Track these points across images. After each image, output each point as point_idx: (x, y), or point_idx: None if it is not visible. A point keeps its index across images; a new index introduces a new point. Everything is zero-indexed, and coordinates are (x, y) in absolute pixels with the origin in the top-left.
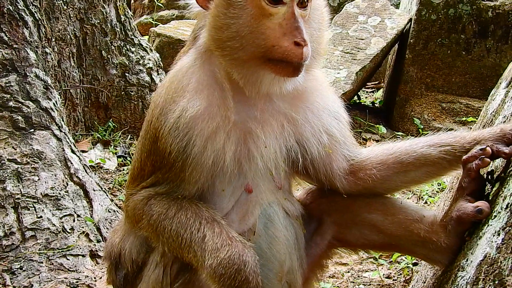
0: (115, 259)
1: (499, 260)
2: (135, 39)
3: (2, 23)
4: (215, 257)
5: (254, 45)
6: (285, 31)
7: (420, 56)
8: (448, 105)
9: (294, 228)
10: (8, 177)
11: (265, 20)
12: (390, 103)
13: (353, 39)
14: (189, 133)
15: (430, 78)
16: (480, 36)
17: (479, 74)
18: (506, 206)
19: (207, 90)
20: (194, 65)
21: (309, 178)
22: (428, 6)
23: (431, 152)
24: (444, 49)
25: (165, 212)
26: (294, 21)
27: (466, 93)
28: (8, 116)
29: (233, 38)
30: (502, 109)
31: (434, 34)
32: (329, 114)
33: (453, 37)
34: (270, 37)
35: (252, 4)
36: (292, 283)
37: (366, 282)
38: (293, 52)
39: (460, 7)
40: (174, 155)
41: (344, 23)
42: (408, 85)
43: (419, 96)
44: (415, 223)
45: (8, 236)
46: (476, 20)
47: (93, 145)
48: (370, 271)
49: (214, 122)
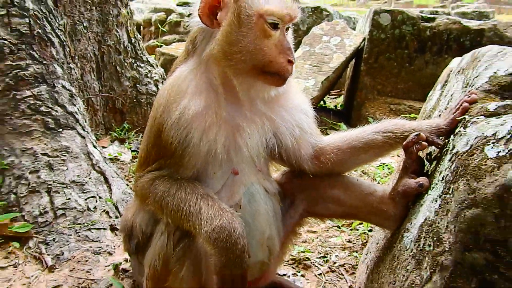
0: (128, 231)
1: (437, 221)
2: (143, 57)
3: (33, 43)
4: (209, 225)
5: (256, 59)
6: (280, 51)
7: (372, 68)
8: (395, 107)
9: (272, 203)
10: (41, 167)
11: (266, 40)
12: (349, 106)
13: (319, 55)
14: (188, 127)
15: (380, 86)
16: (420, 51)
17: (419, 81)
18: (442, 178)
19: (205, 93)
20: (193, 72)
21: (283, 162)
22: (378, 28)
23: (377, 137)
24: (392, 62)
25: (167, 190)
26: (287, 44)
27: (410, 97)
28: (40, 118)
29: (240, 51)
30: (438, 105)
31: (383, 50)
32: (299, 111)
33: (398, 52)
34: (268, 54)
35: (258, 27)
36: (272, 248)
37: (331, 245)
38: (286, 68)
39: (403, 27)
40: (175, 145)
41: (311, 43)
42: (363, 91)
43: (372, 100)
44: (368, 196)
45: (43, 214)
46: (417, 38)
47: (112, 142)
48: (335, 237)
49: (209, 119)
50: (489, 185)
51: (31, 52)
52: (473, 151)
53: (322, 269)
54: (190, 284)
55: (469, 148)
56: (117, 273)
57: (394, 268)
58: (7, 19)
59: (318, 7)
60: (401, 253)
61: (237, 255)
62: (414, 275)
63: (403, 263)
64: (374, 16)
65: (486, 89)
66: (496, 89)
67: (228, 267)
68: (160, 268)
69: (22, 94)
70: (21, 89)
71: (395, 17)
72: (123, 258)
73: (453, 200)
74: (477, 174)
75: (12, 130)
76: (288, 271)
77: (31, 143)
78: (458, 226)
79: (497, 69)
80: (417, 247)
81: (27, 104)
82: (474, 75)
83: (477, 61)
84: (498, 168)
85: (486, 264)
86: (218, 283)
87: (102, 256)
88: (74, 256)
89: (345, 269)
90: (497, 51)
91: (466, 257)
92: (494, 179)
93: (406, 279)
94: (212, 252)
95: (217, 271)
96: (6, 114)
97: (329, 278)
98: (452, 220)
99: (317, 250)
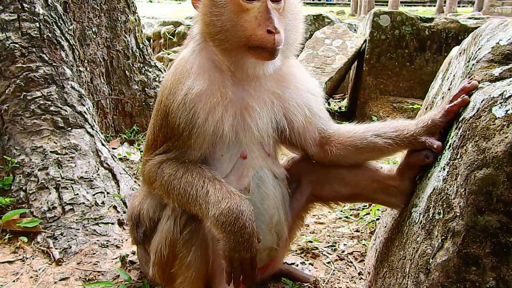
0: (135, 219)
1: (446, 188)
2: (151, 61)
3: (43, 46)
4: (217, 208)
5: (237, 36)
6: (259, 22)
7: (374, 68)
8: (398, 105)
9: (280, 187)
10: (50, 164)
11: (243, 14)
12: (353, 106)
13: (321, 57)
14: (194, 108)
15: (383, 85)
16: (420, 50)
17: (420, 79)
18: (449, 146)
19: (208, 72)
20: (194, 53)
21: (291, 146)
22: (379, 29)
23: (378, 141)
24: (393, 61)
25: (174, 173)
26: (267, 13)
27: (411, 95)
28: (50, 118)
29: (219, 32)
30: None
31: (384, 50)
32: (308, 92)
33: (399, 52)
34: (248, 29)
35: (231, 2)
36: (280, 233)
37: (339, 235)
38: (267, 39)
39: (403, 28)
40: (182, 126)
41: (314, 46)
42: (366, 91)
43: (375, 99)
44: (374, 172)
45: (51, 210)
46: (416, 37)
47: (121, 144)
48: (342, 227)
49: (215, 98)
50: (499, 144)
51: (41, 55)
52: (480, 113)
53: (331, 258)
54: (197, 269)
55: (476, 112)
56: (124, 265)
57: (403, 245)
58: (18, 24)
59: (320, 15)
60: (410, 228)
61: (245, 239)
62: (425, 246)
63: (413, 236)
64: (374, 18)
65: (490, 59)
66: (500, 59)
67: (236, 250)
68: (166, 253)
69: (32, 95)
70: (31, 90)
71: (395, 18)
72: (131, 251)
73: (461, 163)
74: (486, 134)
75: (22, 130)
76: (296, 260)
77: (41, 141)
78: (468, 189)
79: (500, 39)
80: (427, 217)
81: (37, 104)
82: (476, 49)
83: (478, 37)
84: (508, 126)
85: (500, 226)
86: (226, 268)
87: (110, 249)
88: (81, 249)
89: (353, 257)
90: (498, 24)
91: (478, 220)
92: (504, 137)
93: (416, 251)
94: (220, 236)
95: (226, 255)
96: (17, 114)
97: (338, 266)
98: (462, 183)
99: (325, 240)
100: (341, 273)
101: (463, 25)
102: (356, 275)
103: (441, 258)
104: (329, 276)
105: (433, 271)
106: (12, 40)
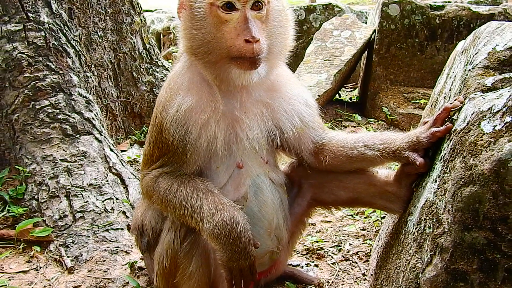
0: (139, 229)
1: (436, 202)
2: (158, 61)
3: (49, 55)
4: (211, 221)
5: (218, 48)
6: (238, 32)
7: (384, 58)
8: (409, 95)
9: (278, 193)
10: (60, 173)
11: (223, 26)
12: (363, 97)
13: (330, 49)
14: (186, 124)
15: (393, 75)
16: (431, 39)
17: (432, 69)
18: (441, 158)
19: (197, 87)
20: (184, 69)
21: (287, 153)
22: (388, 19)
23: (367, 152)
24: (403, 51)
25: (169, 188)
26: (245, 23)
27: (423, 85)
28: (59, 126)
29: (201, 45)
30: (444, 88)
31: (394, 40)
32: (299, 101)
33: (409, 42)
34: (227, 40)
35: (211, 15)
36: (280, 237)
37: (345, 234)
38: (245, 49)
39: (413, 17)
40: (176, 143)
41: (322, 37)
42: (376, 81)
43: (385, 90)
44: (370, 176)
45: (62, 218)
46: (427, 26)
47: (131, 145)
48: (349, 226)
49: (206, 113)
50: (486, 161)
51: (47, 63)
52: (469, 127)
53: (336, 258)
54: (199, 278)
55: (466, 125)
56: (133, 271)
57: (399, 253)
58: (24, 34)
59: (330, 4)
60: (405, 237)
61: (242, 248)
62: (416, 259)
63: (406, 247)
64: (383, 8)
65: (485, 65)
66: (496, 65)
67: (234, 260)
68: (168, 265)
69: (40, 104)
70: (39, 99)
71: (404, 7)
72: (140, 257)
73: (450, 179)
74: (473, 151)
75: (33, 139)
76: (301, 261)
77: (51, 150)
78: (455, 205)
79: (496, 44)
80: (418, 229)
81: (46, 113)
82: (473, 53)
83: (477, 38)
84: (494, 143)
85: (487, 243)
86: (227, 277)
87: (120, 255)
88: (92, 256)
89: (358, 257)
90: (495, 27)
91: (465, 237)
92: (490, 154)
93: (408, 263)
94: (217, 247)
95: (224, 265)
96: (27, 123)
97: (343, 267)
98: (449, 199)
99: (331, 239)
100: (345, 274)
101: (475, 12)
102: (361, 276)
103: (430, 273)
104: (333, 277)
105: (423, 286)
106: (19, 51)
